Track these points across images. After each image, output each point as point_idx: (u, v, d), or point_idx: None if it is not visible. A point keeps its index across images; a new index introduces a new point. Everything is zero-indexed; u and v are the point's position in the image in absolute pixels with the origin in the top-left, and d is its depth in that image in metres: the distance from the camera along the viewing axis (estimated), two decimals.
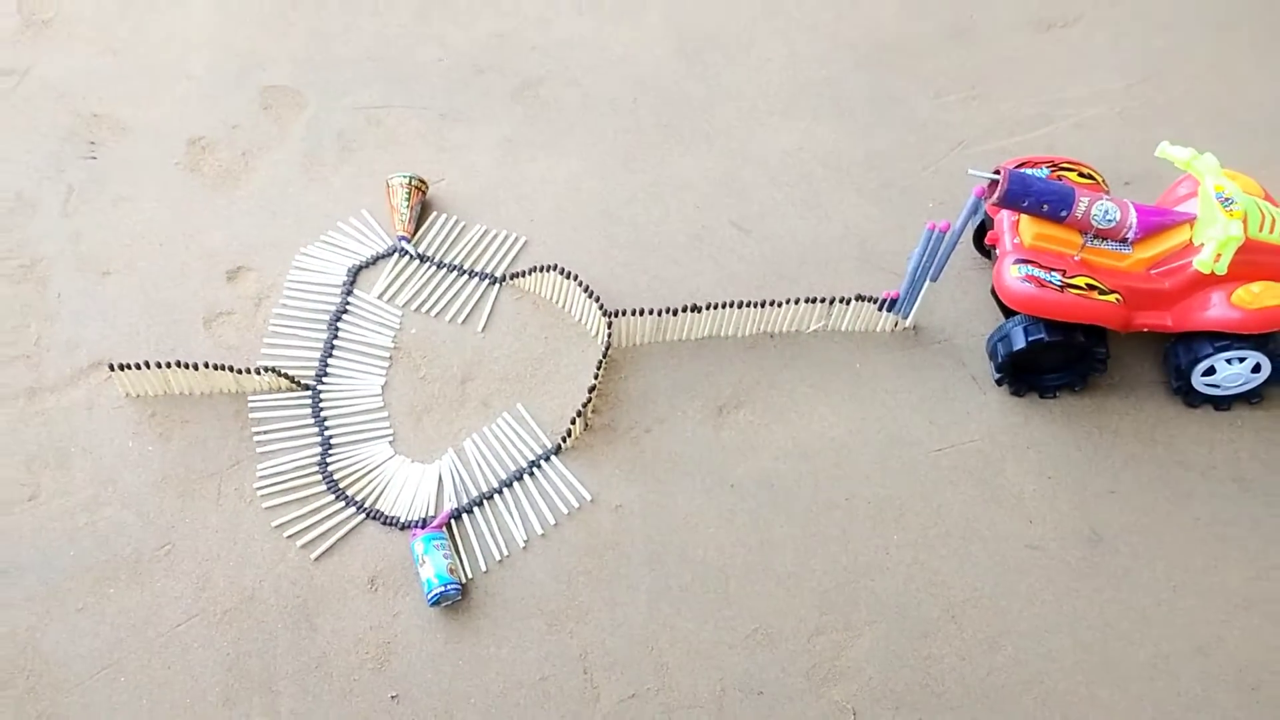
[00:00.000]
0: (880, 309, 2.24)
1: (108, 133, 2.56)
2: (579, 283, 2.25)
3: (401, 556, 2.00)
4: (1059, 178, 2.16)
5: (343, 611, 1.94)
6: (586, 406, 2.13)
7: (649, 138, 2.58)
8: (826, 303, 2.23)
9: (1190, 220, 2.07)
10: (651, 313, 2.21)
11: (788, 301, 2.22)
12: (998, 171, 2.01)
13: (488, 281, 2.35)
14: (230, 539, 2.01)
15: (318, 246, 2.39)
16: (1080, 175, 2.19)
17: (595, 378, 2.16)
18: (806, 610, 1.96)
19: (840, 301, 2.23)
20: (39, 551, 1.99)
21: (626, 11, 2.82)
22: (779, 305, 2.22)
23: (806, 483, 2.10)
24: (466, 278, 2.35)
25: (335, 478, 2.08)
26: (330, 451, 2.11)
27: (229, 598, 1.95)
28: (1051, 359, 2.13)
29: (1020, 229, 2.11)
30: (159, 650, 1.90)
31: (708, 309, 2.21)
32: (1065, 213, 2.03)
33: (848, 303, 2.23)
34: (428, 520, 2.03)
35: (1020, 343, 2.07)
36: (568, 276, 2.26)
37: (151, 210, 2.44)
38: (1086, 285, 2.02)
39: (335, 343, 2.25)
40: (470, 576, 1.98)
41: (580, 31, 2.77)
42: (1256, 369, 2.10)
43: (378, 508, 2.05)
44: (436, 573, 1.93)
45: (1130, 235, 2.07)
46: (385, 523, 2.03)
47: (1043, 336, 2.05)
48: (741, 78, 2.69)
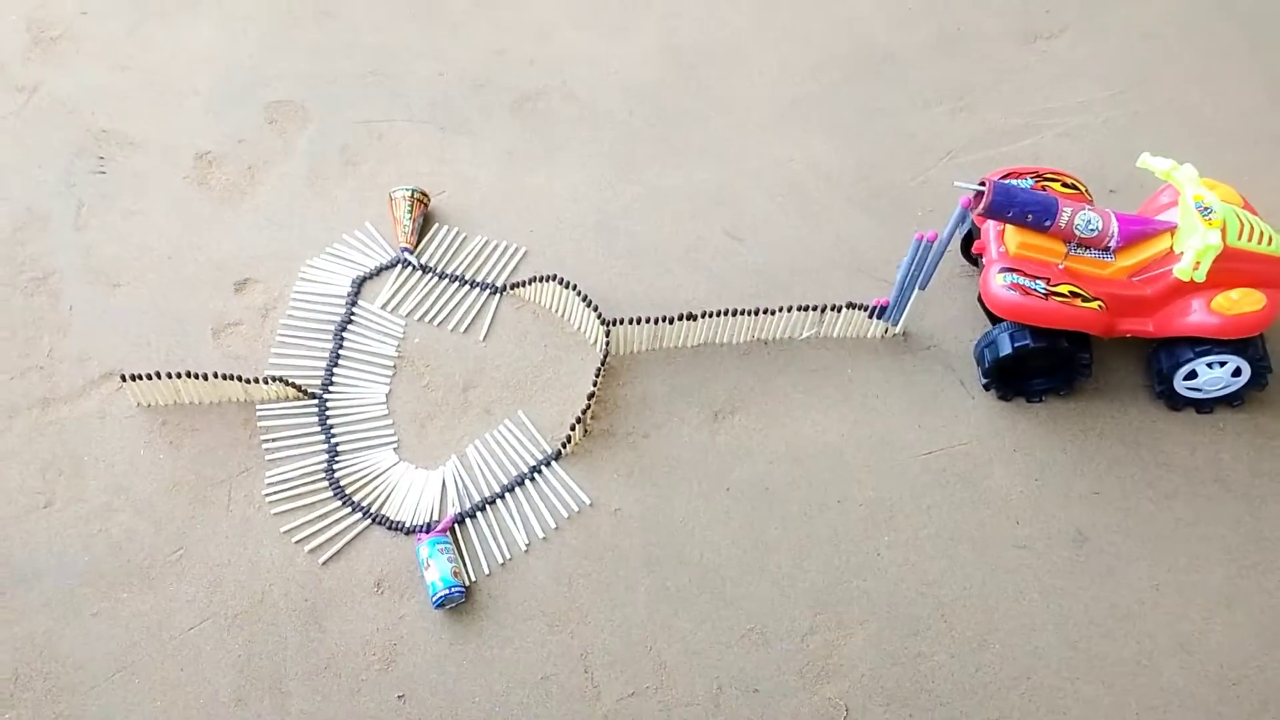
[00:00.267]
0: (870, 316, 2.28)
1: (117, 148, 2.61)
2: (577, 292, 2.30)
3: (407, 560, 2.04)
4: (1043, 188, 2.20)
5: (350, 614, 1.99)
6: (586, 413, 2.17)
7: (644, 150, 2.63)
8: (818, 310, 2.27)
9: (1171, 229, 2.11)
10: (648, 321, 2.25)
11: (780, 309, 2.26)
12: (983, 183, 2.04)
13: (488, 291, 2.40)
14: (240, 544, 2.06)
15: (323, 258, 2.43)
16: (1064, 185, 2.23)
17: (594, 385, 2.20)
18: (800, 610, 2.01)
19: (831, 309, 2.27)
20: (54, 557, 2.04)
21: (622, 27, 2.87)
22: (772, 313, 2.26)
23: (800, 486, 2.14)
24: (468, 288, 2.40)
25: (342, 484, 2.13)
26: (337, 458, 2.16)
27: (239, 601, 2.00)
28: (1037, 364, 2.17)
29: (1006, 238, 2.15)
30: (172, 653, 1.95)
31: (703, 317, 2.25)
32: (1049, 222, 2.07)
33: (839, 310, 2.27)
34: (432, 525, 2.08)
35: (1006, 349, 2.11)
36: (566, 286, 2.30)
37: (160, 224, 2.48)
38: (1070, 293, 2.07)
39: (341, 352, 2.30)
40: (474, 579, 2.03)
41: (577, 47, 2.82)
42: (1237, 373, 2.14)
43: (383, 513, 2.10)
44: (441, 576, 1.98)
45: (1112, 244, 2.11)
46: (391, 527, 2.08)
47: (1028, 343, 2.09)
48: (734, 90, 2.74)
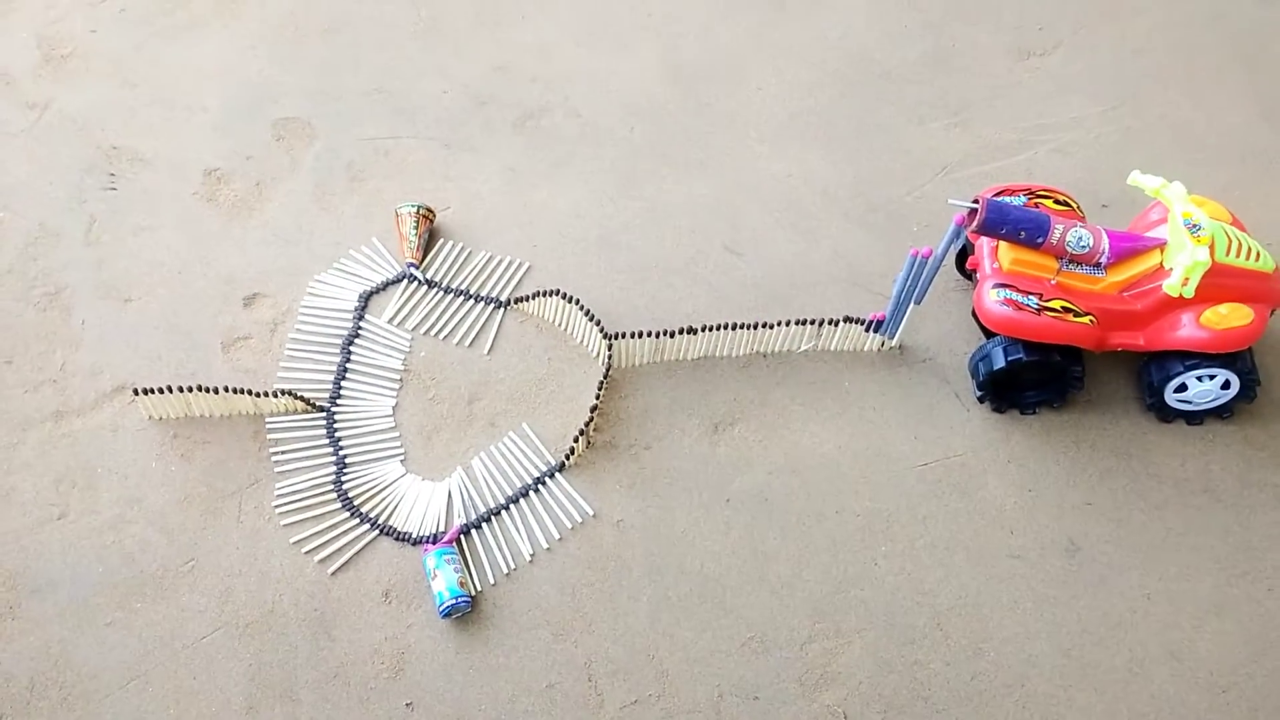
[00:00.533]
0: (867, 330, 2.32)
1: (127, 164, 2.65)
2: (580, 306, 2.33)
3: (414, 570, 2.08)
4: (1036, 205, 2.24)
5: (359, 623, 2.02)
6: (589, 425, 2.20)
7: (645, 166, 2.67)
8: (816, 324, 2.31)
9: (1160, 245, 2.14)
10: (650, 334, 2.28)
11: (779, 323, 2.30)
12: (976, 200, 2.09)
13: (493, 306, 2.44)
14: (251, 555, 2.09)
15: (330, 273, 2.47)
16: (1056, 202, 2.26)
17: (597, 397, 2.24)
18: (799, 619, 2.04)
19: (829, 323, 2.30)
20: (69, 568, 2.07)
21: (623, 44, 2.91)
22: (771, 327, 2.30)
23: (798, 496, 2.17)
24: (472, 302, 2.44)
25: (350, 495, 2.16)
26: (345, 470, 2.20)
27: (250, 611, 2.03)
28: (1031, 377, 2.21)
29: (999, 254, 2.18)
30: (185, 661, 1.98)
31: (703, 330, 2.29)
32: (1041, 239, 2.11)
33: (836, 324, 2.31)
34: (439, 536, 2.11)
35: (1000, 362, 2.15)
36: (569, 300, 2.34)
37: (170, 239, 2.52)
38: (1062, 308, 2.10)
39: (348, 366, 2.34)
40: (479, 589, 2.06)
41: (579, 64, 2.86)
42: (1226, 385, 2.17)
43: (391, 524, 2.13)
44: (448, 586, 2.01)
45: (1103, 260, 2.15)
46: (398, 538, 2.11)
47: (1021, 356, 2.13)
48: (733, 107, 2.78)
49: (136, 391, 2.21)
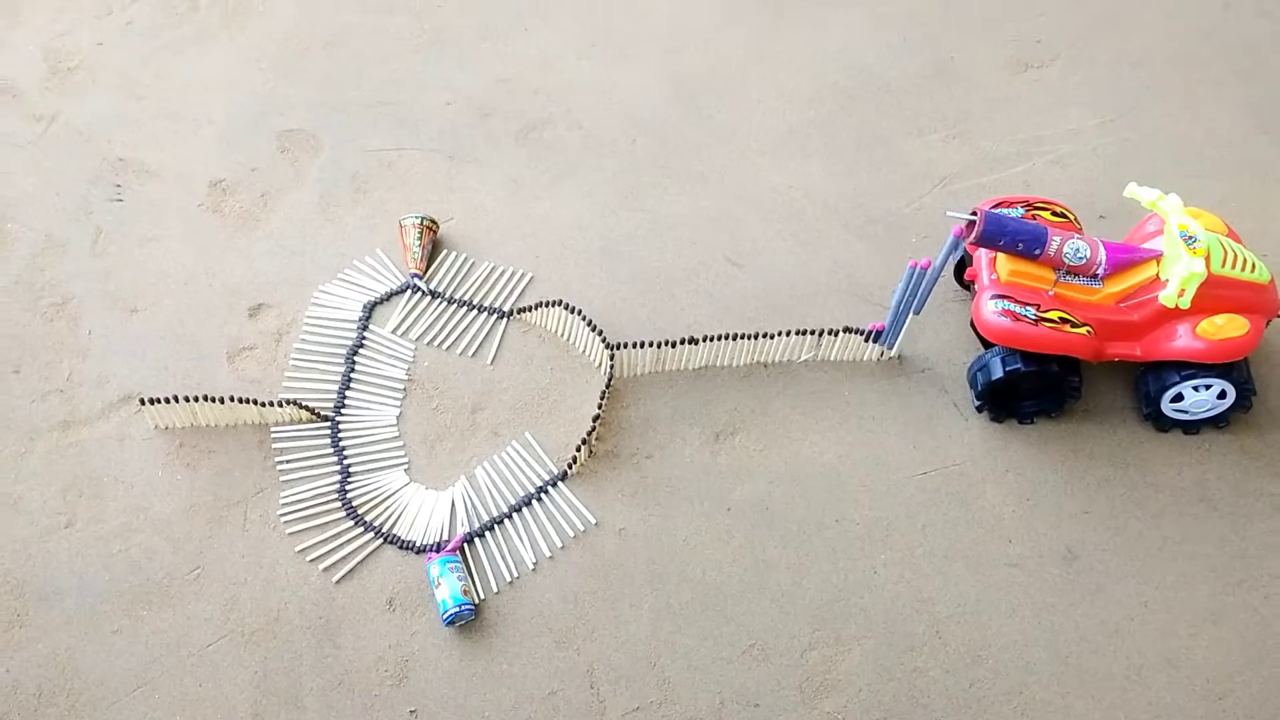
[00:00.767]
0: (866, 340, 2.34)
1: (133, 176, 2.68)
2: (582, 317, 2.35)
3: (418, 578, 2.09)
4: (1033, 217, 2.26)
5: (363, 631, 2.04)
6: (591, 434, 2.22)
7: (647, 178, 2.69)
8: (816, 334, 2.33)
9: (1157, 257, 2.17)
10: (651, 345, 2.30)
11: (779, 333, 2.32)
12: (975, 213, 2.11)
13: (496, 316, 2.46)
14: (256, 563, 2.11)
15: (335, 284, 2.49)
16: (1054, 214, 2.29)
17: (599, 407, 2.26)
18: (800, 626, 2.06)
19: (829, 333, 2.33)
20: (76, 576, 2.09)
21: (625, 57, 2.94)
22: (771, 337, 2.32)
23: (799, 505, 2.19)
24: (476, 313, 2.46)
25: (354, 504, 2.18)
26: (349, 479, 2.22)
27: (256, 619, 2.05)
28: (1028, 387, 2.23)
29: (997, 266, 2.20)
30: (191, 669, 2.00)
31: (704, 341, 2.30)
32: (1038, 251, 2.13)
33: (836, 334, 2.33)
34: (442, 544, 2.13)
35: (998, 373, 2.17)
36: (572, 311, 2.36)
37: (176, 250, 2.55)
38: (1060, 318, 2.12)
39: (352, 376, 2.36)
40: (483, 597, 2.08)
41: (581, 77, 2.89)
42: (1222, 395, 2.18)
43: (395, 532, 2.15)
44: (451, 594, 2.03)
45: (1100, 271, 2.17)
46: (402, 547, 2.13)
47: (1019, 367, 2.15)
48: (734, 119, 2.80)
49: (143, 401, 2.23)
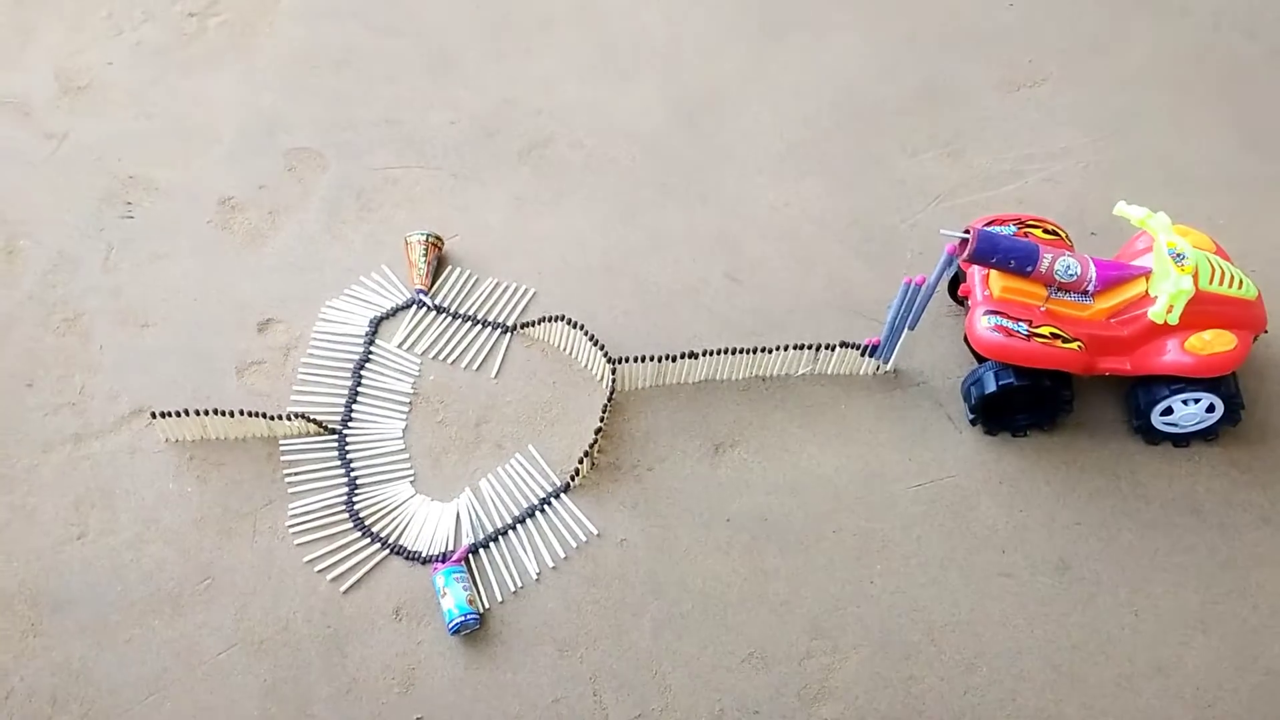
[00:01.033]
0: (863, 354, 2.37)
1: (143, 193, 2.72)
2: (584, 332, 2.39)
3: (424, 589, 2.13)
4: (1025, 235, 2.30)
5: (370, 640, 2.07)
6: (593, 447, 2.25)
7: (647, 195, 2.73)
8: (813, 349, 2.36)
9: (1146, 274, 2.20)
10: (652, 359, 2.33)
11: (778, 348, 2.35)
12: (968, 231, 2.14)
13: (499, 331, 2.49)
14: (265, 574, 2.14)
15: (341, 299, 2.53)
16: (1045, 232, 2.32)
17: (601, 420, 2.29)
18: (798, 635, 2.09)
19: (826, 347, 2.36)
20: (89, 586, 2.13)
21: (626, 77, 2.98)
22: (769, 351, 2.35)
23: (797, 516, 2.22)
24: (480, 327, 2.50)
25: (361, 516, 2.22)
26: (356, 491, 2.26)
27: (265, 628, 2.08)
28: (1021, 401, 2.25)
29: (990, 282, 2.23)
30: (202, 677, 2.03)
31: (704, 355, 2.33)
32: (1030, 268, 2.16)
33: (833, 349, 2.36)
34: (448, 555, 2.16)
35: (991, 387, 2.20)
36: (574, 326, 2.40)
37: (186, 267, 2.58)
38: (1051, 334, 2.15)
39: (359, 390, 2.39)
40: (488, 606, 2.11)
41: (583, 97, 2.93)
42: (1211, 409, 2.21)
43: (401, 543, 2.18)
44: (457, 603, 2.06)
45: (1091, 288, 2.20)
46: (408, 557, 2.16)
47: (1012, 381, 2.18)
48: (733, 139, 2.84)
49: (154, 414, 2.27)
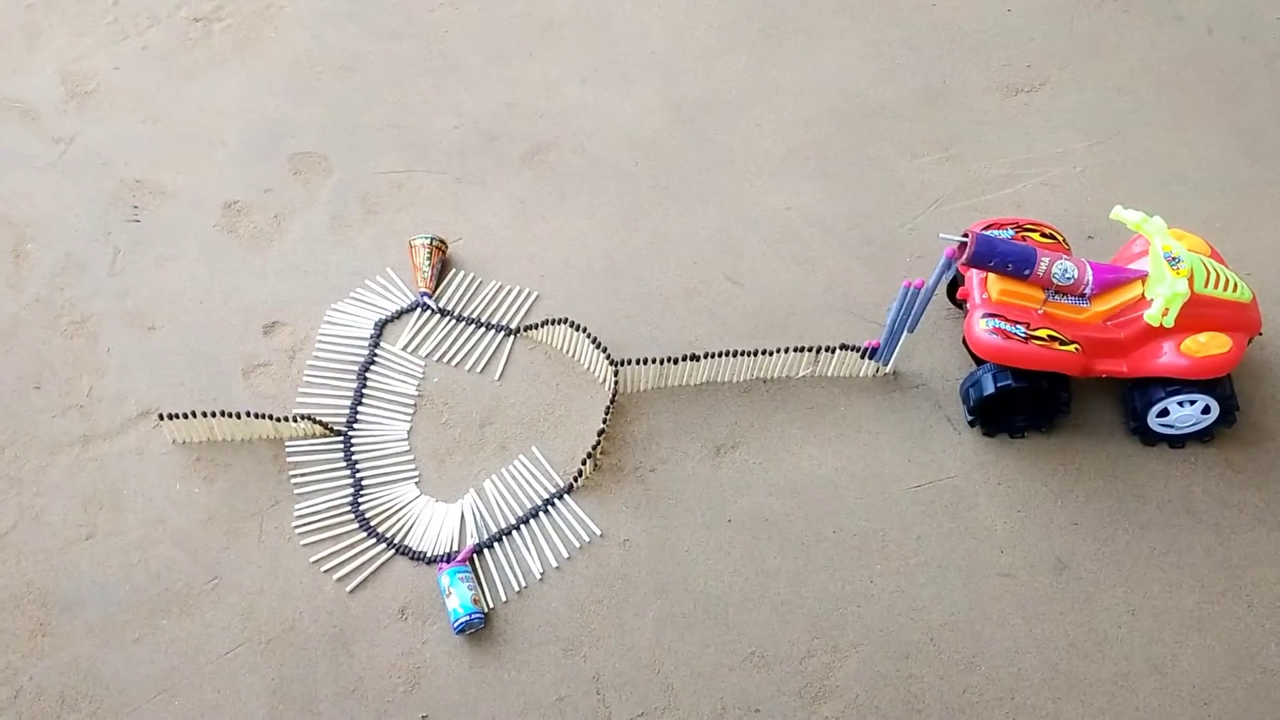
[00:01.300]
0: (863, 357, 2.39)
1: (149, 197, 2.74)
2: (587, 334, 2.41)
3: (429, 588, 2.15)
4: (1023, 238, 2.32)
5: (376, 639, 2.09)
6: (595, 448, 2.27)
7: (649, 199, 2.75)
8: (814, 351, 2.38)
9: (1142, 277, 2.22)
10: (654, 361, 2.35)
11: (778, 350, 2.37)
12: (966, 234, 2.16)
13: (503, 333, 2.51)
14: (272, 574, 2.17)
15: (346, 302, 2.55)
16: (1042, 235, 2.34)
17: (603, 422, 2.31)
18: (799, 634, 2.11)
19: (826, 350, 2.38)
20: (97, 587, 2.15)
21: (627, 81, 3.00)
22: (770, 353, 2.37)
23: (797, 517, 2.25)
24: (483, 330, 2.52)
25: (367, 516, 2.24)
26: (361, 492, 2.28)
27: (272, 627, 2.10)
28: (1019, 403, 2.27)
29: (988, 285, 2.26)
30: (209, 676, 2.05)
31: (705, 357, 2.35)
32: (1028, 271, 2.18)
33: (833, 351, 2.38)
34: (452, 555, 2.19)
35: (989, 389, 2.22)
36: (577, 328, 2.42)
37: (192, 270, 2.60)
38: (1049, 336, 2.17)
39: (364, 392, 2.42)
40: (492, 606, 2.13)
41: (584, 100, 2.95)
42: (1206, 410, 2.23)
43: (406, 544, 2.20)
44: (461, 603, 2.08)
45: (1088, 291, 2.22)
46: (413, 557, 2.19)
47: (1010, 383, 2.20)
48: (733, 142, 2.86)
49: (161, 416, 2.29)
